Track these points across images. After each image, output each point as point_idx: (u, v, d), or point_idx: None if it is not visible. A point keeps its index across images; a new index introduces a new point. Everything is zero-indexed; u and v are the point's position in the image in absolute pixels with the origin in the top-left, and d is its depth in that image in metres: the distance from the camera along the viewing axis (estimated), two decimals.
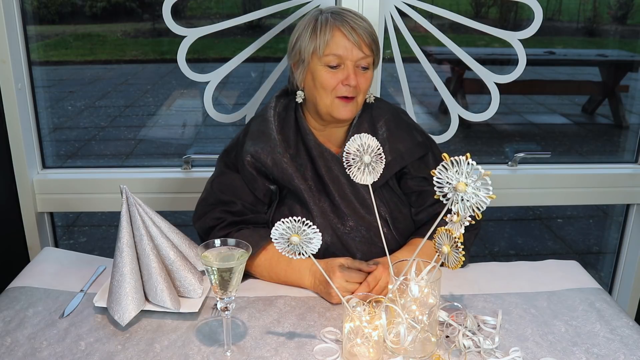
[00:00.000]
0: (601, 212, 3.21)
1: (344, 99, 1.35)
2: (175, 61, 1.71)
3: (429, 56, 1.81)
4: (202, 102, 1.78)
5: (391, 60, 1.81)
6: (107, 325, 1.19)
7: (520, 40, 1.76)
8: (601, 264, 2.70)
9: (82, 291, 1.32)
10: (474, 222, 1.00)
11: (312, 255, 1.01)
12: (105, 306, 1.20)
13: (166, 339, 1.15)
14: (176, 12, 1.69)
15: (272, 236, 1.01)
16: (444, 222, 1.02)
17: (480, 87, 1.84)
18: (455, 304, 1.24)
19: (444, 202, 0.98)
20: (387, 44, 1.77)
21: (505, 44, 1.78)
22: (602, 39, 2.93)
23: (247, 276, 1.37)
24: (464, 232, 1.00)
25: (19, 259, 1.80)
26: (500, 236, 3.11)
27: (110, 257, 1.33)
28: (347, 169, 1.15)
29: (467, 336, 1.14)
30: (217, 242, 1.09)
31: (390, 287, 1.14)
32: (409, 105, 1.82)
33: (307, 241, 1.00)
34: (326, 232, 1.37)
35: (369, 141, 1.13)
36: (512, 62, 1.78)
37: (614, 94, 2.98)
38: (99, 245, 2.91)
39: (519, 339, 1.16)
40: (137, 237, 1.24)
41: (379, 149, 1.14)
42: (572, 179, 2.03)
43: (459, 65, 2.16)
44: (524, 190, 2.02)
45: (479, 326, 1.18)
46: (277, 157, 1.38)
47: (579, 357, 1.11)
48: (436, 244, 1.05)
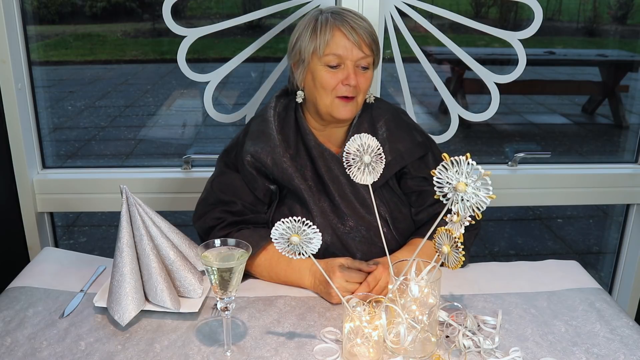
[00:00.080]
0: (601, 212, 3.21)
1: (344, 99, 1.35)
2: (175, 61, 1.71)
3: (429, 56, 1.81)
4: (202, 102, 1.78)
5: (391, 60, 1.80)
6: (107, 325, 1.19)
7: (520, 40, 1.76)
8: (601, 264, 2.70)
9: (82, 291, 1.32)
10: (474, 222, 1.00)
11: (312, 255, 1.01)
12: (105, 306, 1.21)
13: (166, 339, 1.15)
14: (176, 12, 1.69)
15: (272, 236, 1.01)
16: (444, 222, 1.02)
17: (480, 87, 1.84)
18: (455, 304, 1.24)
19: (444, 202, 0.98)
20: (387, 44, 1.77)
21: (505, 44, 1.78)
22: (602, 39, 2.93)
23: (247, 276, 1.37)
24: (464, 232, 1.00)
25: (19, 259, 1.80)
26: (500, 236, 3.11)
27: (110, 257, 1.33)
28: (347, 169, 1.15)
29: (467, 336, 1.14)
30: (217, 242, 1.09)
31: (390, 287, 1.14)
32: (409, 105, 1.82)
33: (307, 241, 1.00)
34: (326, 232, 1.37)
35: (369, 141, 1.13)
36: (512, 62, 1.78)
37: (614, 94, 2.98)
38: (99, 245, 2.91)
39: (519, 339, 1.16)
40: (137, 237, 1.24)
41: (379, 149, 1.14)
42: (572, 179, 2.03)
43: (459, 65, 2.15)
44: (524, 190, 2.02)
45: (479, 326, 1.18)
46: (277, 157, 1.38)
47: (579, 357, 1.11)
48: (436, 244, 1.05)
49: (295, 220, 0.99)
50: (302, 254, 1.01)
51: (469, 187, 0.94)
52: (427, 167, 1.44)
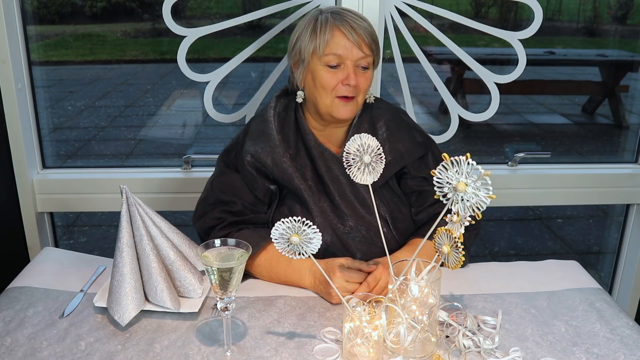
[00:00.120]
0: (601, 212, 3.21)
1: (343, 99, 1.35)
2: (175, 61, 1.71)
3: (429, 56, 1.81)
4: (202, 102, 1.78)
5: (391, 60, 1.80)
6: (107, 325, 1.19)
7: (520, 40, 1.76)
8: (601, 264, 2.70)
9: (82, 291, 1.32)
10: (474, 222, 1.00)
11: (312, 255, 1.01)
12: (105, 306, 1.20)
13: (166, 339, 1.15)
14: (176, 12, 1.69)
15: (272, 236, 1.01)
16: (444, 222, 1.02)
17: (480, 87, 1.84)
18: (455, 304, 1.24)
19: (444, 202, 0.98)
20: (387, 44, 1.77)
21: (505, 44, 1.78)
22: (602, 39, 2.93)
23: (247, 276, 1.37)
24: (464, 232, 1.00)
25: (19, 259, 1.80)
26: (500, 236, 3.11)
27: (110, 257, 1.33)
28: (347, 169, 1.15)
29: (467, 336, 1.14)
30: (217, 242, 1.09)
31: (390, 287, 1.14)
32: (409, 105, 1.82)
33: (307, 241, 1.00)
34: (326, 232, 1.37)
35: (369, 141, 1.13)
36: (512, 62, 1.78)
37: (614, 94, 2.98)
38: (99, 245, 2.91)
39: (519, 339, 1.16)
40: (137, 237, 1.24)
41: (379, 149, 1.14)
42: (572, 179, 2.03)
43: (459, 65, 2.15)
44: (524, 190, 2.02)
45: (479, 326, 1.18)
46: (277, 157, 1.38)
47: (579, 357, 1.11)
48: (436, 244, 1.05)
49: (295, 220, 0.99)
50: (302, 254, 1.01)
51: (469, 187, 0.94)
52: (427, 167, 1.44)
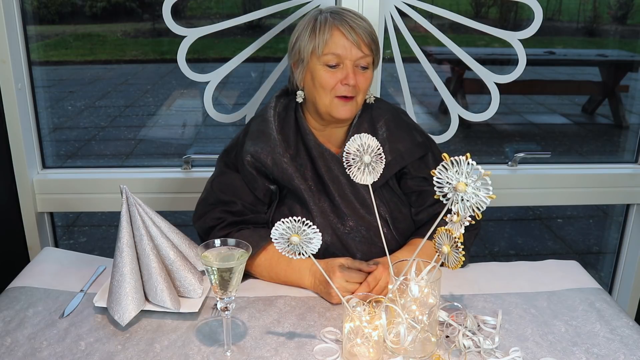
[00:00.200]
0: (601, 212, 3.21)
1: (343, 99, 1.35)
2: (175, 61, 1.71)
3: (429, 56, 1.81)
4: (202, 102, 1.78)
5: (391, 60, 1.80)
6: (107, 325, 1.19)
7: (520, 40, 1.76)
8: (601, 264, 2.70)
9: (82, 291, 1.32)
10: (474, 222, 1.00)
11: (312, 255, 1.01)
12: (105, 306, 1.20)
13: (166, 339, 1.15)
14: (176, 12, 1.69)
15: (272, 236, 1.01)
16: (444, 222, 1.02)
17: (480, 87, 1.84)
18: (455, 304, 1.24)
19: (444, 202, 0.98)
20: (387, 44, 1.77)
21: (505, 44, 1.78)
22: (602, 39, 2.93)
23: (247, 276, 1.37)
24: (464, 232, 1.00)
25: (19, 259, 1.80)
26: (500, 236, 3.11)
27: (110, 257, 1.33)
28: (347, 169, 1.14)
29: (467, 336, 1.14)
30: (217, 242, 1.09)
31: (390, 287, 1.14)
32: (409, 105, 1.82)
33: (307, 241, 1.00)
34: (326, 232, 1.37)
35: (369, 141, 1.13)
36: (512, 62, 1.78)
37: (614, 94, 2.98)
38: (99, 245, 2.91)
39: (519, 339, 1.16)
40: (137, 237, 1.24)
41: (379, 149, 1.14)
42: (572, 179, 2.03)
43: (459, 65, 2.16)
44: (524, 190, 2.02)
45: (479, 326, 1.18)
46: (277, 157, 1.37)
47: (579, 357, 1.11)
48: (436, 244, 1.05)
49: (295, 220, 0.99)
50: (302, 254, 1.01)
51: (469, 187, 0.94)
52: (427, 167, 1.44)
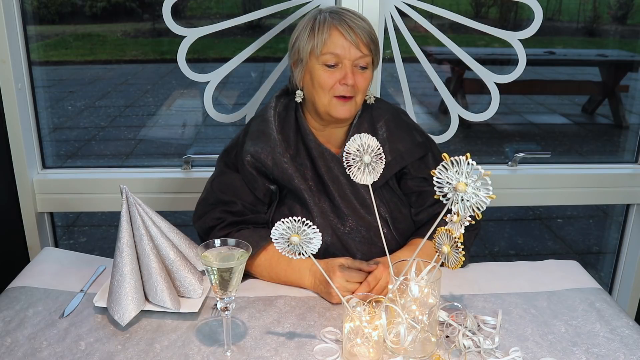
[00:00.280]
0: (601, 212, 3.21)
1: (341, 99, 1.35)
2: (175, 61, 1.71)
3: (429, 56, 1.81)
4: (202, 102, 1.78)
5: (391, 60, 1.80)
6: (107, 325, 1.19)
7: (520, 40, 1.76)
8: (601, 264, 2.70)
9: (82, 291, 1.32)
10: (474, 222, 1.00)
11: (312, 255, 1.01)
12: (105, 306, 1.20)
13: (166, 339, 1.15)
14: (176, 12, 1.69)
15: (272, 236, 1.01)
16: (444, 222, 1.02)
17: (480, 87, 1.84)
18: (455, 304, 1.24)
19: (444, 202, 0.98)
20: (387, 44, 1.77)
21: (505, 44, 1.78)
22: (602, 39, 2.93)
23: (247, 276, 1.37)
24: (464, 232, 1.00)
25: (19, 259, 1.80)
26: (500, 236, 3.11)
27: (110, 257, 1.33)
28: (347, 169, 1.14)
29: (467, 336, 1.14)
30: (217, 242, 1.09)
31: (390, 287, 1.14)
32: (409, 105, 1.82)
33: (307, 241, 1.00)
34: (326, 232, 1.37)
35: (369, 141, 1.13)
36: (512, 62, 1.78)
37: (614, 94, 2.98)
38: (99, 245, 2.91)
39: (519, 339, 1.16)
40: (137, 237, 1.24)
41: (379, 149, 1.14)
42: (572, 179, 2.03)
43: (459, 65, 2.16)
44: (524, 190, 2.02)
45: (479, 326, 1.18)
46: (277, 157, 1.37)
47: (579, 357, 1.11)
48: (436, 244, 1.05)
49: (295, 220, 0.99)
50: (302, 254, 1.01)
51: (469, 187, 0.94)
52: (427, 168, 1.44)
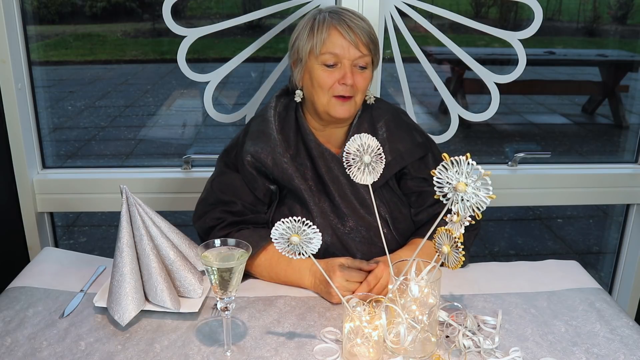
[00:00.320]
0: (601, 212, 3.21)
1: (340, 98, 1.35)
2: (175, 61, 1.71)
3: (429, 56, 1.81)
4: (202, 102, 1.78)
5: (391, 60, 1.80)
6: (107, 325, 1.19)
7: (520, 40, 1.76)
8: (601, 264, 2.70)
9: (82, 291, 1.32)
10: (473, 222, 1.00)
11: (312, 255, 1.01)
12: (105, 306, 1.20)
13: (166, 339, 1.15)
14: (176, 12, 1.69)
15: (272, 236, 1.01)
16: (444, 222, 1.02)
17: (480, 87, 1.84)
18: (455, 304, 1.24)
19: (444, 202, 0.98)
20: (387, 44, 1.77)
21: (505, 44, 1.78)
22: (602, 39, 2.93)
23: (247, 276, 1.37)
24: (463, 232, 1.00)
25: (19, 259, 1.80)
26: (500, 236, 3.11)
27: (110, 257, 1.33)
28: (347, 169, 1.14)
29: (467, 336, 1.14)
30: (217, 242, 1.09)
31: (390, 287, 1.14)
32: (409, 105, 1.82)
33: (307, 241, 1.00)
34: (326, 233, 1.37)
35: (369, 141, 1.13)
36: (512, 62, 1.78)
37: (614, 94, 2.98)
38: (99, 245, 2.91)
39: (519, 339, 1.16)
40: (137, 237, 1.24)
41: (379, 149, 1.14)
42: (572, 179, 2.03)
43: (459, 65, 2.16)
44: (524, 190, 2.02)
45: (479, 326, 1.18)
46: (277, 157, 1.37)
47: (579, 357, 1.11)
48: (436, 244, 1.05)
49: (295, 220, 0.99)
50: (302, 254, 1.01)
51: (469, 187, 0.94)
52: (427, 168, 1.43)
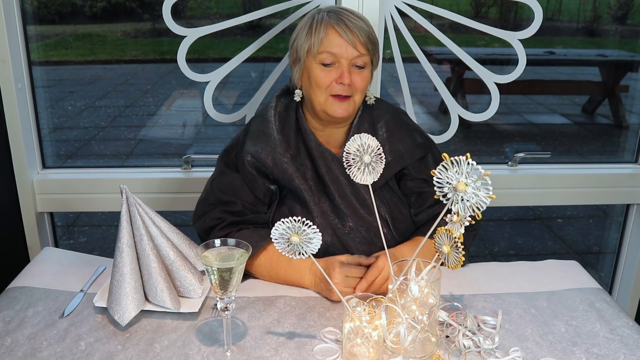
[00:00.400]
0: (601, 212, 3.21)
1: (338, 98, 1.35)
2: (175, 61, 1.71)
3: (429, 56, 1.81)
4: (202, 102, 1.78)
5: (391, 60, 1.80)
6: (107, 325, 1.19)
7: (520, 40, 1.76)
8: (601, 264, 2.70)
9: (82, 291, 1.32)
10: (473, 222, 1.00)
11: (312, 255, 1.01)
12: (105, 306, 1.20)
13: (166, 339, 1.15)
14: (176, 12, 1.69)
15: (272, 236, 1.01)
16: (444, 222, 1.02)
17: (480, 87, 1.84)
18: (455, 304, 1.24)
19: (444, 202, 0.98)
20: (387, 44, 1.77)
21: (505, 44, 1.78)
22: (602, 39, 2.93)
23: (247, 276, 1.37)
24: (463, 232, 1.00)
25: (19, 259, 1.80)
26: (500, 236, 3.11)
27: (110, 257, 1.33)
28: (347, 169, 1.14)
29: (467, 336, 1.14)
30: (217, 242, 1.09)
31: (390, 287, 1.14)
32: (409, 105, 1.82)
33: (307, 241, 1.00)
34: (326, 233, 1.37)
35: (369, 141, 1.13)
36: (512, 62, 1.78)
37: (614, 94, 2.98)
38: (99, 245, 2.91)
39: (519, 339, 1.16)
40: (137, 237, 1.24)
41: (379, 149, 1.14)
42: (572, 179, 2.03)
43: (459, 65, 2.16)
44: (524, 190, 2.02)
45: (479, 326, 1.18)
46: (278, 157, 1.38)
47: (579, 357, 1.11)
48: (436, 244, 1.05)
49: (295, 220, 0.99)
50: (302, 254, 1.01)
51: (469, 187, 0.94)
52: (427, 168, 1.43)
